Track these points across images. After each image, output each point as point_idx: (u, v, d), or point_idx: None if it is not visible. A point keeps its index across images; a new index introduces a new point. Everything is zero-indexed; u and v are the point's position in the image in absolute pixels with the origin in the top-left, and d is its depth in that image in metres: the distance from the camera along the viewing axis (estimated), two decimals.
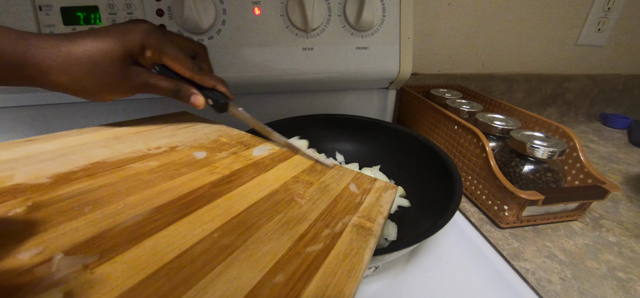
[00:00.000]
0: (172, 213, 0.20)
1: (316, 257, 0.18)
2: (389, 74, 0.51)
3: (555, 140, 0.41)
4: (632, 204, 0.48)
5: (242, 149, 0.31)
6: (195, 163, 0.26)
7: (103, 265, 0.15)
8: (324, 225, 0.22)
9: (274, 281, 0.16)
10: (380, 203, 0.26)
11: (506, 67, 0.79)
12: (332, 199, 0.25)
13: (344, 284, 0.17)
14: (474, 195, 0.45)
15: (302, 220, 0.22)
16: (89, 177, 0.21)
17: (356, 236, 0.21)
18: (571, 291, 0.32)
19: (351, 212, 0.24)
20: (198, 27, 0.41)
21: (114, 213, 0.18)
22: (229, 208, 0.21)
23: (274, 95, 0.53)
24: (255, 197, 0.23)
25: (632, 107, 0.95)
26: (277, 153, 0.32)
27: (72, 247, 0.15)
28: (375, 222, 0.23)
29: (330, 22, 0.46)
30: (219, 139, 0.32)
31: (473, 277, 0.33)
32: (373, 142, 0.50)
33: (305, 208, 0.23)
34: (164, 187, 0.22)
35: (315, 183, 0.27)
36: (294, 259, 0.18)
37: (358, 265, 0.18)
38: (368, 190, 0.28)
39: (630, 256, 0.37)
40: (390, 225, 0.36)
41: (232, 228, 0.20)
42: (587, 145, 0.70)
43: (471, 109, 0.54)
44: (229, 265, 0.16)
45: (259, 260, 0.17)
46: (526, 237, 0.39)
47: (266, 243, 0.19)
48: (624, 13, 0.79)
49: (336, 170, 0.31)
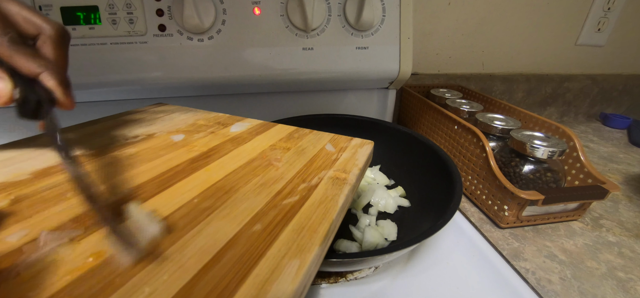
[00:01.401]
0: (152, 188, 0.20)
1: (292, 207, 0.19)
2: (389, 73, 0.51)
3: (555, 140, 0.41)
4: (632, 204, 0.48)
5: (220, 128, 0.32)
6: (173, 145, 0.27)
7: (89, 236, 0.16)
8: (301, 181, 0.23)
9: (251, 230, 0.17)
10: (355, 157, 0.27)
11: (506, 67, 0.79)
12: (308, 159, 0.26)
13: (319, 225, 0.18)
14: (474, 195, 0.45)
15: (279, 179, 0.23)
16: None
17: (331, 186, 0.22)
18: (571, 291, 0.32)
19: (327, 167, 0.25)
20: (198, 27, 0.41)
21: (95, 195, 0.19)
22: (207, 179, 0.22)
23: (274, 95, 0.53)
24: (233, 166, 0.24)
25: (632, 107, 0.95)
26: (255, 127, 0.33)
27: (57, 226, 0.16)
28: (350, 173, 0.24)
29: (330, 22, 0.46)
30: (196, 122, 0.33)
31: (473, 277, 0.33)
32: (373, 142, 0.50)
33: (282, 169, 0.24)
34: (143, 168, 0.23)
35: (292, 148, 0.28)
36: (271, 211, 0.19)
37: (332, 208, 0.19)
38: (344, 148, 0.29)
39: (630, 256, 0.37)
40: (390, 225, 0.36)
41: (211, 194, 0.20)
42: (587, 145, 0.70)
43: (471, 109, 0.54)
44: (209, 223, 0.17)
45: (237, 216, 0.18)
46: (526, 237, 0.39)
47: (244, 202, 0.20)
48: (624, 13, 0.79)
49: (313, 135, 0.31)
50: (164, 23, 0.41)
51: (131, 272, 0.14)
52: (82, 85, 0.41)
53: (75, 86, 0.42)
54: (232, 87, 0.48)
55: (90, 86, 0.42)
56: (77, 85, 0.41)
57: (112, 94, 0.46)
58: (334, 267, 0.29)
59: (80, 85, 0.41)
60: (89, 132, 0.29)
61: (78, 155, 0.25)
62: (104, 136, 0.28)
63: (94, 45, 0.40)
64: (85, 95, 0.45)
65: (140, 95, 0.47)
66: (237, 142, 0.29)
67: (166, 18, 0.41)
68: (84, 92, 0.43)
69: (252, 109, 0.53)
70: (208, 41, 0.43)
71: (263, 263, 0.15)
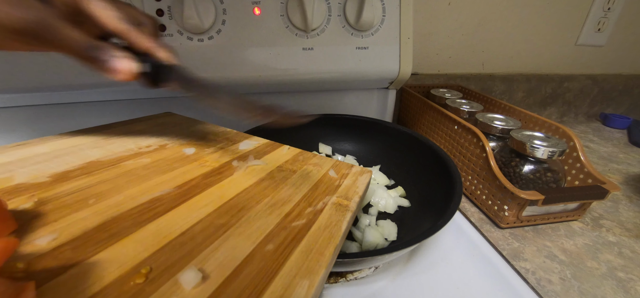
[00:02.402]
0: (169, 201, 0.21)
1: (300, 230, 0.21)
2: (389, 74, 0.51)
3: (555, 140, 0.41)
4: (632, 204, 0.48)
5: (229, 144, 0.33)
6: (185, 158, 0.28)
7: (114, 244, 0.17)
8: (307, 205, 0.24)
9: (265, 249, 0.18)
10: (356, 185, 0.29)
11: (506, 67, 0.79)
12: (313, 183, 0.28)
13: (325, 248, 0.20)
14: (474, 195, 0.45)
15: (287, 201, 0.24)
16: (86, 175, 0.23)
17: (335, 212, 0.24)
18: (571, 291, 0.32)
19: (331, 193, 0.27)
20: (198, 27, 0.41)
21: (116, 204, 0.20)
22: (221, 195, 0.24)
23: (274, 95, 0.53)
24: (245, 185, 0.26)
25: (632, 107, 0.95)
26: (262, 147, 0.34)
27: (83, 233, 0.17)
28: (352, 200, 0.26)
29: (330, 22, 0.46)
30: (205, 136, 0.34)
31: (473, 277, 0.33)
32: (373, 142, 0.50)
33: (290, 191, 0.26)
34: (159, 180, 0.24)
35: (298, 171, 0.30)
36: (281, 232, 0.20)
37: (336, 233, 0.21)
38: (346, 175, 0.31)
39: (630, 256, 0.37)
40: (390, 225, 0.36)
41: (226, 210, 0.22)
42: (587, 145, 0.70)
43: (471, 109, 0.54)
44: (226, 240, 0.19)
45: (252, 235, 0.20)
46: (526, 237, 0.39)
47: (257, 221, 0.21)
48: (624, 13, 0.79)
49: (317, 159, 0.33)
50: (164, 23, 0.41)
51: (158, 282, 0.15)
52: (84, 85, 0.41)
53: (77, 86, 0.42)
54: (232, 87, 0.48)
55: (91, 86, 0.42)
56: (80, 86, 0.41)
57: (113, 94, 0.46)
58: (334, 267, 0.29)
59: (83, 86, 0.41)
60: (102, 138, 0.29)
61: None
62: (116, 143, 0.29)
63: None
64: (87, 96, 0.45)
65: (141, 95, 0.47)
66: (246, 159, 0.30)
67: (166, 18, 0.41)
68: (86, 92, 0.43)
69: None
70: (208, 41, 0.43)
71: (277, 281, 0.16)
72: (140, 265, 0.16)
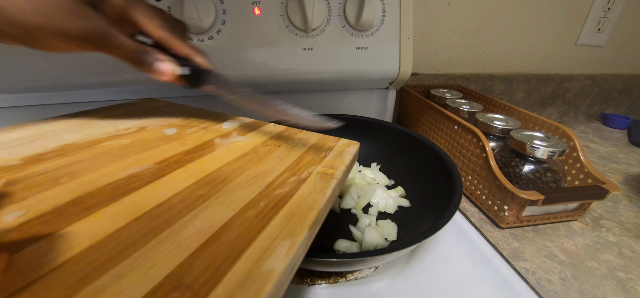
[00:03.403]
0: (148, 176, 0.21)
1: (283, 197, 0.21)
2: (389, 74, 0.51)
3: (555, 140, 0.41)
4: (632, 204, 0.48)
5: (212, 124, 0.32)
6: (165, 138, 0.27)
7: (86, 217, 0.16)
8: (291, 174, 0.24)
9: (245, 215, 0.18)
10: (343, 156, 0.29)
11: (506, 67, 0.79)
12: (298, 155, 0.28)
13: (308, 212, 0.19)
14: (474, 195, 0.45)
15: (270, 172, 0.24)
16: (60, 157, 0.22)
17: (319, 180, 0.24)
18: (571, 291, 0.32)
19: (316, 163, 0.26)
20: (198, 27, 0.41)
21: (90, 181, 0.19)
22: (202, 169, 0.23)
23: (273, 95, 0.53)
24: (227, 159, 0.25)
25: (632, 107, 0.95)
26: (247, 125, 0.33)
27: (53, 208, 0.17)
28: (337, 169, 0.26)
29: (330, 22, 0.46)
30: (188, 117, 0.33)
31: (473, 277, 0.33)
32: (373, 142, 0.50)
33: (273, 163, 0.25)
34: (137, 158, 0.23)
35: (283, 145, 0.29)
36: (263, 199, 0.20)
37: (320, 199, 0.21)
38: (332, 147, 0.31)
39: (630, 256, 0.37)
40: (390, 225, 0.36)
41: (206, 183, 0.21)
42: (587, 145, 0.70)
43: (471, 109, 0.54)
44: (205, 209, 0.18)
45: (232, 203, 0.19)
46: (526, 237, 0.39)
47: (238, 191, 0.21)
48: (624, 13, 0.79)
49: (303, 134, 0.33)
50: None
51: (131, 249, 0.15)
52: (83, 86, 0.41)
53: (76, 87, 0.42)
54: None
55: (90, 86, 0.42)
56: (79, 86, 0.41)
57: (113, 95, 0.46)
58: (334, 267, 0.29)
59: (82, 86, 0.41)
60: (79, 122, 0.28)
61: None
62: (94, 126, 0.28)
63: None
64: (88, 96, 0.45)
65: (141, 95, 0.47)
66: (229, 136, 0.30)
67: None
68: (85, 93, 0.43)
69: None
70: (208, 41, 0.43)
71: (257, 243, 0.16)
72: (114, 235, 0.15)
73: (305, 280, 0.31)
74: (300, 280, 0.31)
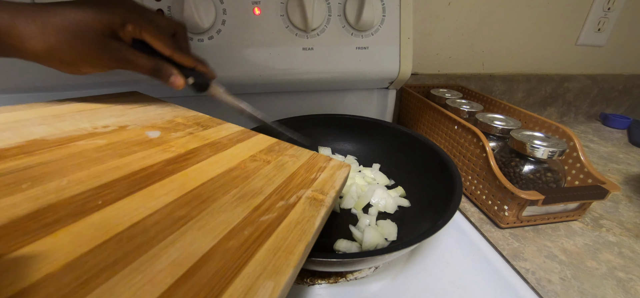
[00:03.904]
0: (122, 188, 0.19)
1: (269, 225, 0.19)
2: (389, 74, 0.51)
3: (555, 140, 0.41)
4: (632, 204, 0.48)
5: (199, 130, 0.30)
6: (147, 142, 0.25)
7: (45, 238, 0.14)
8: (279, 198, 0.22)
9: (227, 246, 0.17)
10: (333, 179, 0.28)
11: (506, 67, 0.79)
12: (288, 175, 0.26)
13: (294, 246, 0.18)
14: (474, 195, 0.45)
15: (257, 194, 0.22)
16: (25, 155, 0.19)
17: (309, 207, 0.22)
18: (571, 291, 0.32)
19: (306, 186, 0.25)
20: (198, 27, 0.41)
21: (56, 189, 0.17)
22: (184, 184, 0.21)
23: (274, 95, 0.53)
24: (212, 174, 0.23)
25: (632, 107, 0.95)
26: (236, 134, 0.32)
27: (7, 223, 0.14)
28: (328, 195, 0.24)
29: (330, 22, 0.46)
30: (174, 120, 0.31)
31: (473, 277, 0.33)
32: (373, 142, 0.50)
33: (261, 183, 0.24)
34: (113, 164, 0.21)
35: (272, 161, 0.28)
36: (248, 227, 0.18)
37: (309, 230, 0.20)
38: (323, 168, 0.29)
39: (630, 256, 0.37)
40: (390, 225, 0.36)
41: (187, 201, 0.19)
42: (587, 145, 0.70)
43: (471, 109, 0.54)
44: (183, 234, 0.17)
45: (214, 229, 0.18)
46: (526, 237, 0.39)
47: (221, 214, 0.19)
48: (624, 13, 0.79)
49: (294, 150, 0.31)
50: None
51: (94, 283, 0.13)
52: (82, 86, 0.41)
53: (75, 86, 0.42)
54: (231, 88, 0.48)
55: (90, 87, 0.42)
56: (77, 86, 0.41)
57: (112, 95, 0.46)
58: (334, 267, 0.29)
59: (80, 86, 0.41)
60: (52, 113, 0.26)
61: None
62: (69, 120, 0.25)
63: None
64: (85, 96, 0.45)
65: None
66: (217, 147, 0.28)
67: None
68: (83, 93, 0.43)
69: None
70: (208, 41, 0.43)
71: (238, 282, 0.14)
72: (75, 262, 0.13)
73: (305, 280, 0.31)
74: (300, 280, 0.31)
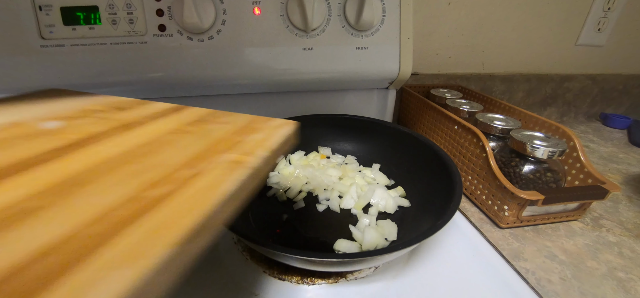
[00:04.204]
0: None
1: (157, 200, 0.15)
2: (389, 74, 0.51)
3: (555, 140, 0.41)
4: (632, 204, 0.48)
5: (115, 113, 0.25)
6: (38, 134, 0.20)
7: None
8: (188, 167, 0.18)
9: (85, 233, 0.12)
10: (268, 139, 0.23)
11: (506, 67, 0.79)
12: (211, 142, 0.21)
13: (176, 221, 0.13)
14: (474, 195, 0.45)
15: (158, 167, 0.18)
16: None
17: (222, 172, 0.18)
18: (571, 291, 0.32)
19: (230, 150, 0.21)
20: (198, 27, 0.41)
21: None
22: (59, 172, 0.16)
23: (273, 95, 0.53)
24: (108, 154, 0.19)
25: (632, 107, 0.95)
26: (160, 111, 0.27)
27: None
28: (253, 155, 0.20)
29: (330, 22, 0.46)
30: (86, 108, 0.26)
31: (473, 277, 0.33)
32: (373, 142, 0.50)
33: (170, 154, 0.19)
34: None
35: (196, 131, 0.23)
36: (128, 205, 0.14)
37: (207, 198, 0.15)
38: (258, 129, 0.24)
39: (630, 256, 0.37)
40: (390, 225, 0.36)
41: (55, 192, 0.15)
42: (587, 145, 0.70)
43: (471, 109, 0.54)
44: (29, 227, 0.12)
45: (74, 216, 0.13)
46: (526, 237, 0.39)
47: (94, 197, 0.15)
48: (624, 13, 0.79)
49: (228, 117, 0.26)
50: (164, 23, 0.41)
51: None
52: (82, 86, 0.41)
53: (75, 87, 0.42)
54: (231, 87, 0.48)
55: (89, 87, 0.42)
56: (77, 86, 0.41)
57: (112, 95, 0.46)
58: (334, 267, 0.29)
59: (80, 86, 0.41)
60: None
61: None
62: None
63: (93, 46, 0.40)
64: None
65: (140, 95, 0.47)
66: (129, 127, 0.23)
67: (166, 18, 0.41)
68: None
69: (251, 109, 0.53)
70: (208, 41, 0.43)
71: (73, 277, 0.10)
72: None
73: (305, 280, 0.31)
74: (301, 280, 0.31)
